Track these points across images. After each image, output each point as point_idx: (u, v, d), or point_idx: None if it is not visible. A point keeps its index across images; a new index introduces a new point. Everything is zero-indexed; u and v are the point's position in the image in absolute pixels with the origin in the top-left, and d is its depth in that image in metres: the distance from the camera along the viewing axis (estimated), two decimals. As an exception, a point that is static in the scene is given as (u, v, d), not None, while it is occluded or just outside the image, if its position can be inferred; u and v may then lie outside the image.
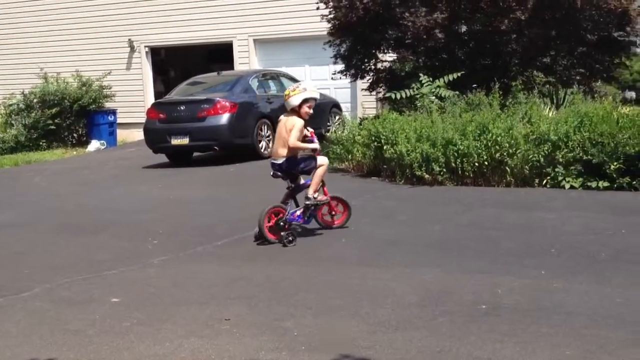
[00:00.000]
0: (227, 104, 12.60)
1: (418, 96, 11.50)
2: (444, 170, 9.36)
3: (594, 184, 8.40)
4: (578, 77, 12.93)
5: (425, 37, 11.92)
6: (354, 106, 16.89)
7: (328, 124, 14.81)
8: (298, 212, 6.58)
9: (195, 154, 13.57)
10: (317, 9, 13.08)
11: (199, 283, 5.28)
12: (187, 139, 12.49)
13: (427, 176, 9.46)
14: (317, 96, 6.66)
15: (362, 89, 14.96)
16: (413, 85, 11.80)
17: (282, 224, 6.38)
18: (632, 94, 29.07)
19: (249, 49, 18.24)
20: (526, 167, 8.96)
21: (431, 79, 11.67)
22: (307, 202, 6.55)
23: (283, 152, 6.46)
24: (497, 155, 9.08)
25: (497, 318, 4.21)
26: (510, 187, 9.01)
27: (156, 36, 18.59)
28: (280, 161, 6.49)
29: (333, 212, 6.92)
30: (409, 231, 6.73)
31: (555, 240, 6.04)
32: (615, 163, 8.22)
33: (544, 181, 8.85)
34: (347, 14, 12.30)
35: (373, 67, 13.69)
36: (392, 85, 13.49)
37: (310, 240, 6.53)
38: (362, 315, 4.36)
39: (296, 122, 6.38)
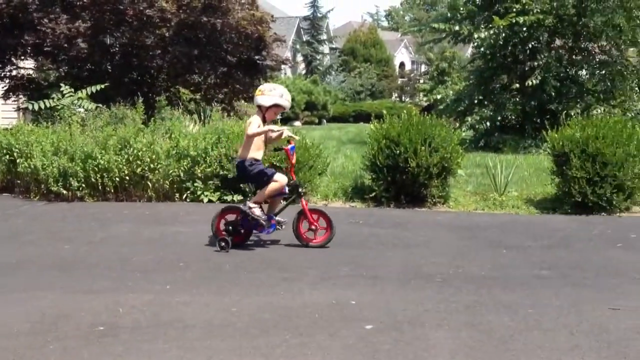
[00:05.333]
0: None
1: (59, 107, 10.87)
2: (84, 185, 9.01)
3: (229, 198, 8.84)
4: (221, 96, 13.60)
5: (66, 45, 11.39)
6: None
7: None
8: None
9: None
10: (-61, 3, 11.57)
11: None
12: None
13: (64, 192, 9.00)
14: (288, 106, 6.40)
15: (-1, 97, 13.67)
16: (54, 95, 11.12)
17: (230, 228, 6.29)
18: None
19: None
20: (167, 181, 9.07)
21: (73, 90, 11.14)
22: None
23: (240, 150, 6.40)
24: (139, 170, 9.02)
25: (114, 339, 4.07)
26: (151, 202, 9.02)
27: None
28: (237, 160, 6.39)
29: (314, 227, 6.31)
30: (35, 252, 6.24)
31: (186, 254, 6.16)
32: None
33: (185, 195, 9.05)
34: (-24, 13, 11.14)
35: (9, 73, 12.59)
36: (34, 94, 12.59)
37: None
38: (-42, 352, 3.85)
39: (253, 119, 6.22)
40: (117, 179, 8.97)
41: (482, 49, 16.55)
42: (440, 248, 6.53)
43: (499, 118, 16.60)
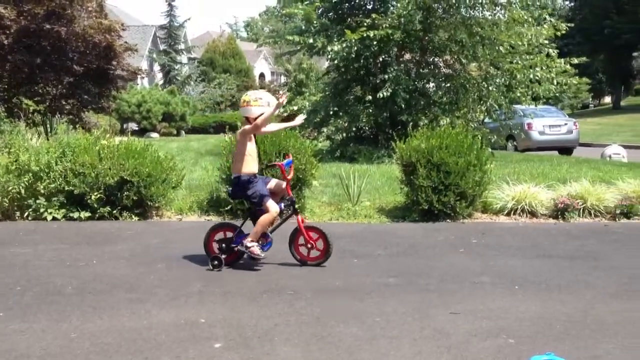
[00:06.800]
0: None
1: None
2: None
3: (76, 215, 8.40)
4: (68, 107, 12.93)
5: None
6: None
7: None
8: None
9: None
10: None
11: None
12: None
13: None
14: (274, 112, 6.01)
15: None
16: None
17: (223, 245, 6.07)
18: (132, 125, 30.77)
19: None
20: (6, 199, 8.47)
21: None
22: (240, 248, 6.03)
23: (233, 165, 6.16)
24: (-27, 187, 8.36)
25: None
26: (-12, 222, 8.37)
27: None
28: (233, 175, 6.12)
29: (310, 245, 5.92)
30: None
31: (24, 277, 5.75)
32: (96, 193, 8.37)
33: (26, 213, 8.49)
34: None
35: None
36: None
37: None
38: None
39: (244, 127, 6.04)
40: (-52, 197, 8.26)
41: (336, 62, 16.93)
42: (294, 260, 6.54)
43: (354, 129, 17.04)
